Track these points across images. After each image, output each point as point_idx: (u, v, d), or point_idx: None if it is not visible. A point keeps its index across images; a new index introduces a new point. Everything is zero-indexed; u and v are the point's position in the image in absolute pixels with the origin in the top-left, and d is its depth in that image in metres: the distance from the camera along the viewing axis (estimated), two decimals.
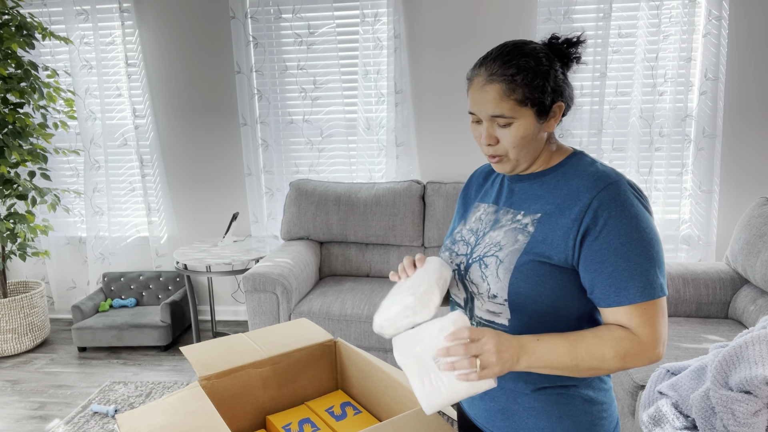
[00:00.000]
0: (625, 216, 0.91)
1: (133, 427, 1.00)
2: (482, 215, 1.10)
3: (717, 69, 2.93)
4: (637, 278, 0.90)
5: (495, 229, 1.04)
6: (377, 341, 2.63)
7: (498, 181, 1.13)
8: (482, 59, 0.98)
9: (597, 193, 0.93)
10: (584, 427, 1.00)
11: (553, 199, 0.99)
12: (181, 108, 3.52)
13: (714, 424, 1.47)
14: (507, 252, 0.98)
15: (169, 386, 2.88)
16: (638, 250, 0.90)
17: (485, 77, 0.95)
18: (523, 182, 1.05)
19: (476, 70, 0.98)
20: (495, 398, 1.05)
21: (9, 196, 3.17)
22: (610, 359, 0.91)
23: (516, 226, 1.01)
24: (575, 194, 0.96)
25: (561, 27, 3.02)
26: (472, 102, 0.98)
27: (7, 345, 3.29)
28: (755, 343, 1.48)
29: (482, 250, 1.03)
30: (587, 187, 0.95)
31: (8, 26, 3.02)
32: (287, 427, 1.23)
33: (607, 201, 0.92)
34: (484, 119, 0.97)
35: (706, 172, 3.04)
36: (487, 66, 0.96)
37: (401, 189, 3.08)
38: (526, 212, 1.02)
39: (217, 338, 1.44)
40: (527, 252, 0.96)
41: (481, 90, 0.96)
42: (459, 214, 1.20)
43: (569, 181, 0.98)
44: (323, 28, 3.25)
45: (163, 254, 3.69)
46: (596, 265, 0.92)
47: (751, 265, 2.36)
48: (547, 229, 0.97)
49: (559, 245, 0.95)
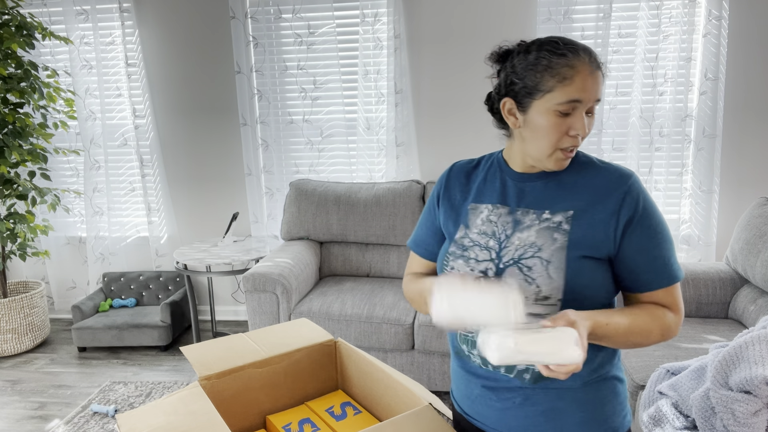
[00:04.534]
0: (651, 206, 1.00)
1: (133, 427, 1.00)
2: (491, 217, 1.07)
3: (717, 69, 2.93)
4: (670, 262, 1.00)
5: (521, 230, 1.02)
6: (377, 341, 2.63)
7: (495, 180, 1.10)
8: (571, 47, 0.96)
9: (628, 188, 0.99)
10: (619, 407, 1.07)
11: (579, 196, 1.01)
12: (181, 108, 3.53)
13: (714, 424, 1.47)
14: (550, 251, 0.98)
15: (169, 386, 2.88)
16: (665, 236, 1.00)
17: (591, 63, 0.95)
18: (535, 182, 1.05)
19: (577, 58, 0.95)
20: (537, 402, 1.03)
21: (9, 196, 3.17)
22: (655, 335, 0.99)
23: (548, 225, 1.01)
24: (605, 190, 1.00)
25: (561, 27, 3.02)
26: (578, 89, 0.94)
27: (7, 345, 3.29)
28: (755, 343, 1.48)
29: (514, 252, 1.01)
30: (615, 182, 1.00)
31: (8, 26, 3.02)
32: (287, 427, 1.23)
33: (636, 193, 0.99)
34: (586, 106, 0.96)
35: (706, 172, 3.04)
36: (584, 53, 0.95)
37: (401, 189, 3.08)
38: (552, 211, 1.02)
39: (217, 338, 1.44)
40: (572, 248, 0.98)
41: (591, 75, 0.95)
42: (447, 217, 1.15)
43: (591, 179, 1.02)
44: (323, 28, 3.25)
45: (163, 254, 3.69)
46: (638, 254, 0.99)
47: (751, 265, 2.36)
48: (584, 225, 0.99)
49: (601, 239, 0.98)
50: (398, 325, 2.58)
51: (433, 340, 2.54)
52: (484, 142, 3.29)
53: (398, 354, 2.65)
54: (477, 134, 3.29)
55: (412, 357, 2.64)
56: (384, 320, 2.60)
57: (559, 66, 0.95)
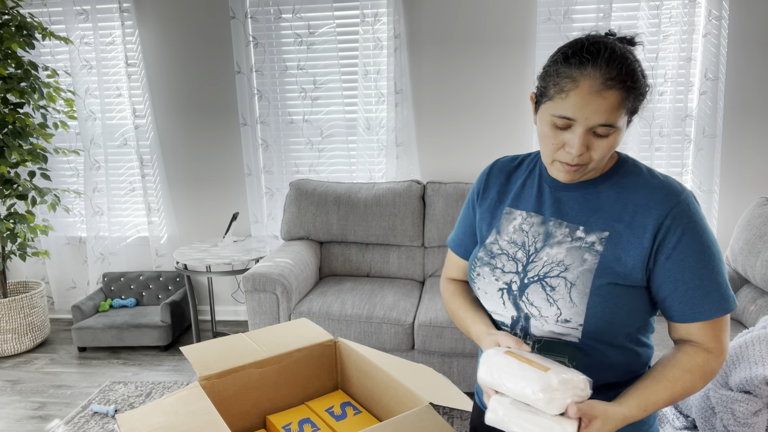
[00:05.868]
0: (697, 232, 0.89)
1: (133, 427, 1.00)
2: (523, 225, 1.01)
3: (717, 69, 2.93)
4: (712, 294, 0.89)
5: (551, 245, 0.96)
6: (377, 341, 2.63)
7: (533, 186, 1.04)
8: (586, 57, 0.84)
9: (670, 209, 0.89)
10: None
11: (618, 215, 0.93)
12: (181, 108, 3.53)
13: (714, 424, 1.47)
14: (576, 273, 0.92)
15: (169, 386, 2.88)
16: (711, 266, 0.89)
17: (601, 81, 0.83)
18: (573, 191, 0.98)
19: (582, 70, 0.84)
20: None
21: (9, 196, 3.17)
22: (699, 386, 0.91)
23: (580, 244, 0.94)
24: (645, 210, 0.91)
25: (561, 27, 3.02)
26: (574, 107, 0.84)
27: (7, 345, 3.29)
28: (755, 343, 1.48)
29: (540, 269, 0.96)
30: (658, 202, 0.90)
31: (8, 26, 3.02)
32: (287, 427, 1.23)
33: (680, 217, 0.89)
34: (584, 127, 0.85)
35: (706, 172, 3.04)
36: (599, 67, 0.83)
37: (401, 189, 3.08)
38: (587, 228, 0.94)
39: (217, 338, 1.44)
40: (600, 274, 0.91)
41: (595, 95, 0.83)
42: (482, 218, 1.10)
43: (633, 194, 0.93)
44: (323, 28, 3.25)
45: (163, 254, 3.69)
46: (671, 283, 0.91)
47: (751, 265, 2.36)
48: (618, 249, 0.91)
49: (633, 265, 0.91)
50: (398, 325, 2.58)
51: (433, 340, 2.54)
52: (485, 142, 3.29)
53: (398, 354, 2.65)
54: (477, 134, 3.29)
55: (412, 357, 2.64)
56: (384, 320, 2.60)
57: (562, 75, 0.86)
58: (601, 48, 0.84)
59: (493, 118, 3.26)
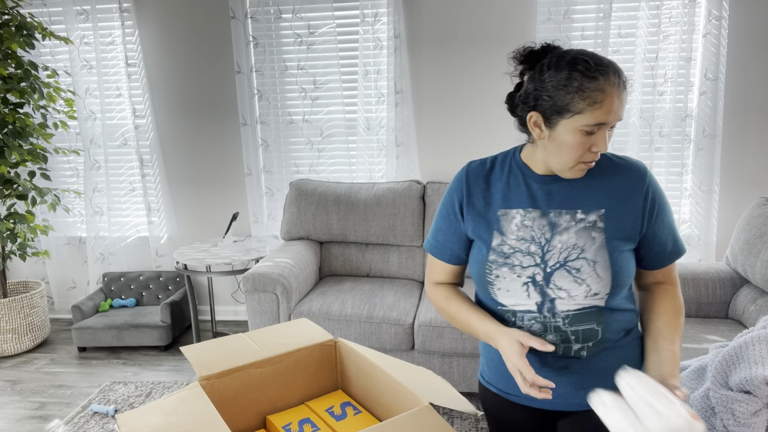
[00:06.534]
0: (663, 195, 1.13)
1: (133, 427, 1.00)
2: (525, 222, 1.09)
3: (717, 69, 2.93)
4: (678, 242, 1.15)
5: (559, 233, 1.08)
6: (377, 341, 2.63)
7: (519, 184, 1.11)
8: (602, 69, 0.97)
9: (648, 180, 1.10)
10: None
11: (607, 193, 1.09)
12: (181, 108, 3.53)
13: (714, 424, 1.47)
14: (593, 251, 1.06)
15: (169, 386, 2.88)
16: (673, 219, 1.15)
17: (618, 86, 0.98)
18: (560, 182, 1.10)
19: (606, 81, 0.97)
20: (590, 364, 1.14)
21: (9, 196, 3.17)
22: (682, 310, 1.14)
23: (584, 225, 1.08)
24: (630, 185, 1.09)
25: (561, 27, 3.02)
26: (609, 113, 0.97)
27: (7, 345, 3.29)
28: (755, 343, 1.48)
29: (559, 256, 1.07)
30: (637, 177, 1.10)
31: (8, 26, 3.02)
32: (287, 427, 1.23)
33: (654, 183, 1.11)
34: (609, 126, 1.00)
35: (706, 172, 3.04)
36: (614, 75, 0.97)
37: (401, 189, 3.08)
38: (585, 210, 1.08)
39: (217, 338, 1.44)
40: (610, 245, 1.06)
41: (618, 98, 0.98)
42: (477, 223, 1.14)
43: (614, 176, 1.10)
44: (323, 28, 3.25)
45: (163, 254, 3.69)
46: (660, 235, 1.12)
47: (751, 265, 2.36)
48: (616, 221, 1.08)
49: (632, 232, 1.08)
50: (398, 325, 2.58)
51: (433, 340, 2.54)
52: (484, 142, 3.29)
53: (398, 354, 2.65)
54: (477, 134, 3.29)
55: (412, 357, 2.64)
56: (384, 320, 2.60)
57: (590, 90, 0.97)
58: (602, 63, 0.99)
59: (493, 118, 3.26)
